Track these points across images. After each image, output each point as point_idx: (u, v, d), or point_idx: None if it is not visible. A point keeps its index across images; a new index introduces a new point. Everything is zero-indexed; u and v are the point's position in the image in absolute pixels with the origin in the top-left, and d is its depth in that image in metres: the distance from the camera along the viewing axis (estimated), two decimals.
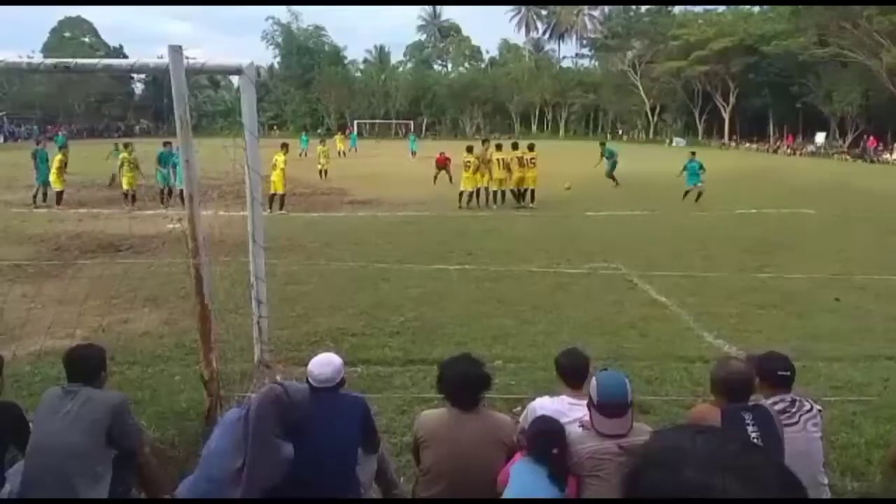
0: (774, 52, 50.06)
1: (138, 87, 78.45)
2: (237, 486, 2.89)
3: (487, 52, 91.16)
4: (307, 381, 3.31)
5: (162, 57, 4.53)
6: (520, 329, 6.58)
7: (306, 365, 3.39)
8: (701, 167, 17.18)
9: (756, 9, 62.36)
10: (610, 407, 2.76)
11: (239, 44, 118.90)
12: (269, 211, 13.20)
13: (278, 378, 3.29)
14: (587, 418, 2.88)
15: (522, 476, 2.76)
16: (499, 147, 16.58)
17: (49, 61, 5.26)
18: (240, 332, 5.73)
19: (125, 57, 71.54)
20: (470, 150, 16.34)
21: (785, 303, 7.61)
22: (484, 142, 17.56)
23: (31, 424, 3.18)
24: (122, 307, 7.31)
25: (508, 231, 12.81)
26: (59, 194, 15.49)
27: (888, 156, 41.31)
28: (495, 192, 16.01)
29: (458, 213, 14.91)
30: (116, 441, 3.17)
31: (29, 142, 51.99)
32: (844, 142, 49.11)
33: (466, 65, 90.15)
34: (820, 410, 3.25)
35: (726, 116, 61.97)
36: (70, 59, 5.12)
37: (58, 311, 7.26)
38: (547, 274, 9.00)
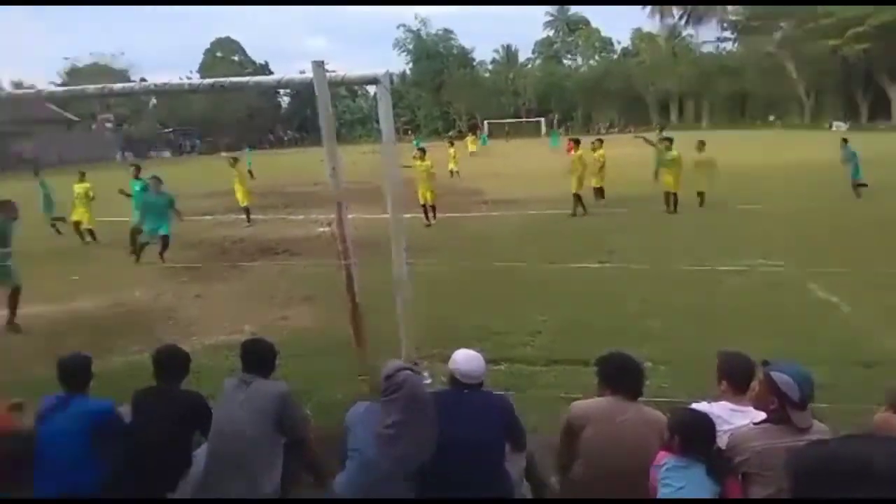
0: None
1: (284, 101, 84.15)
2: (392, 461, 3.01)
3: (619, 42, 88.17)
4: (450, 378, 3.36)
5: (304, 72, 4.83)
6: (669, 329, 6.29)
7: (447, 362, 3.44)
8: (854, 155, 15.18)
9: None
10: (807, 399, 2.61)
11: (372, 53, 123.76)
12: (428, 222, 13.67)
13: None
14: (756, 420, 2.74)
15: (677, 474, 2.65)
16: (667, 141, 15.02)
17: (207, 81, 5.74)
18: (386, 330, 5.96)
19: (271, 72, 77.17)
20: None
21: None
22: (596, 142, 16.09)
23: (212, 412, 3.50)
24: (282, 305, 7.87)
25: (653, 228, 12.29)
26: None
27: None
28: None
29: (599, 211, 14.47)
30: (284, 429, 3.41)
31: (192, 155, 57.92)
32: None
33: (597, 57, 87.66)
34: None
35: (893, 96, 55.50)
36: (225, 79, 5.56)
37: (227, 309, 7.96)
38: (698, 272, 8.52)
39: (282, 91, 76.50)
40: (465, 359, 3.33)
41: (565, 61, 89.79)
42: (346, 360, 5.30)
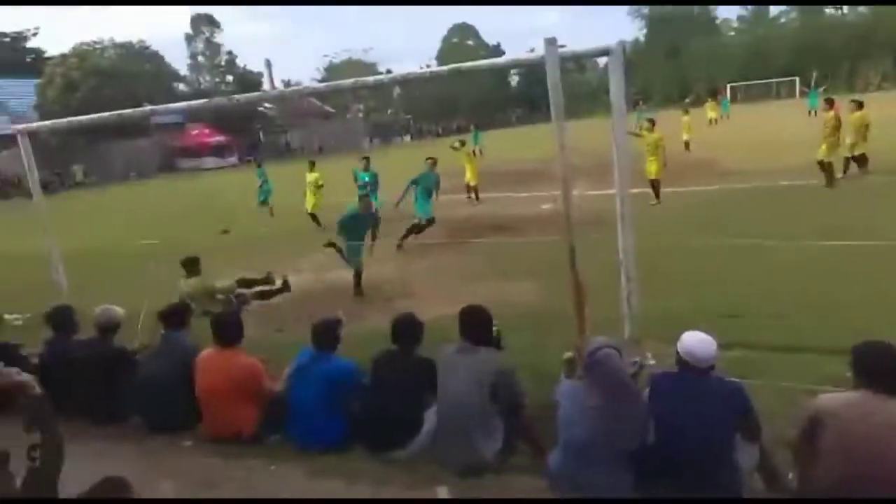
0: None
1: (514, 80, 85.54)
2: (599, 439, 3.03)
3: None
4: (677, 360, 3.26)
5: (534, 50, 4.91)
6: None
7: (675, 343, 3.33)
8: None
9: None
10: None
11: (605, 22, 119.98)
12: (656, 200, 12.97)
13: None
14: None
15: None
16: None
17: (446, 68, 6.10)
18: (610, 307, 5.89)
19: (502, 53, 78.98)
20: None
21: None
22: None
23: None
24: (508, 281, 8.18)
25: None
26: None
27: None
28: None
29: (859, 183, 12.59)
30: (500, 399, 3.60)
31: (428, 140, 61.96)
32: None
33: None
34: None
35: None
36: (462, 64, 5.87)
37: (455, 283, 8.50)
38: None
39: (512, 71, 77.96)
40: (695, 341, 3.22)
41: (828, 10, 78.39)
42: (565, 337, 5.36)
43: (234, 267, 9.47)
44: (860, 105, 13.21)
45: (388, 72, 55.07)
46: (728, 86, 67.09)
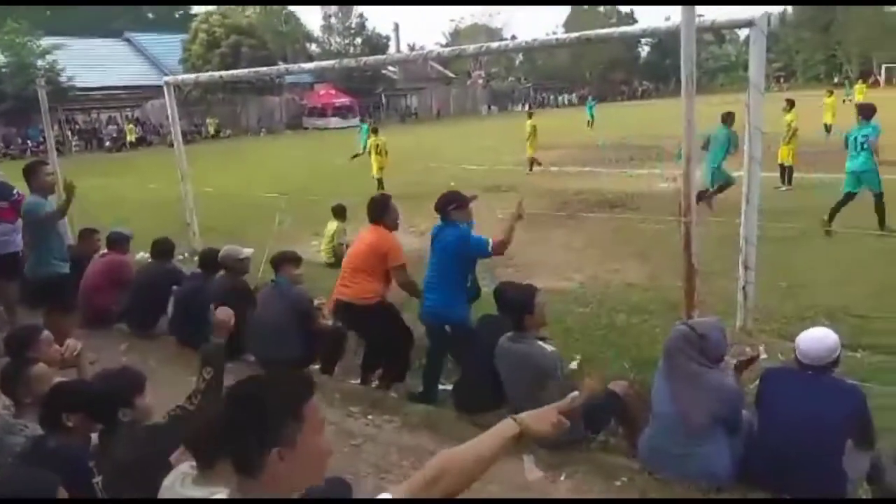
0: None
1: (644, 51, 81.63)
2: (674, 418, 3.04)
3: None
4: (795, 357, 3.11)
5: (669, 19, 4.70)
6: None
7: (793, 340, 3.17)
8: None
9: None
10: None
11: None
12: (785, 186, 12.08)
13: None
14: None
15: None
16: None
17: (573, 35, 5.93)
18: (724, 295, 5.64)
19: (635, 21, 75.47)
20: None
21: None
22: None
23: None
24: (614, 258, 8.02)
25: None
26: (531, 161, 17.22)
27: None
28: None
29: None
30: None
31: (547, 109, 60.85)
32: None
33: None
34: None
35: None
36: (590, 32, 5.71)
37: (562, 257, 8.43)
38: None
39: (643, 41, 74.45)
40: (811, 338, 3.06)
41: None
42: (671, 322, 5.22)
43: None
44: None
45: (513, 38, 54.62)
46: (883, 66, 60.63)
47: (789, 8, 76.56)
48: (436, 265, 4.58)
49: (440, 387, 4.73)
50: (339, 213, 8.95)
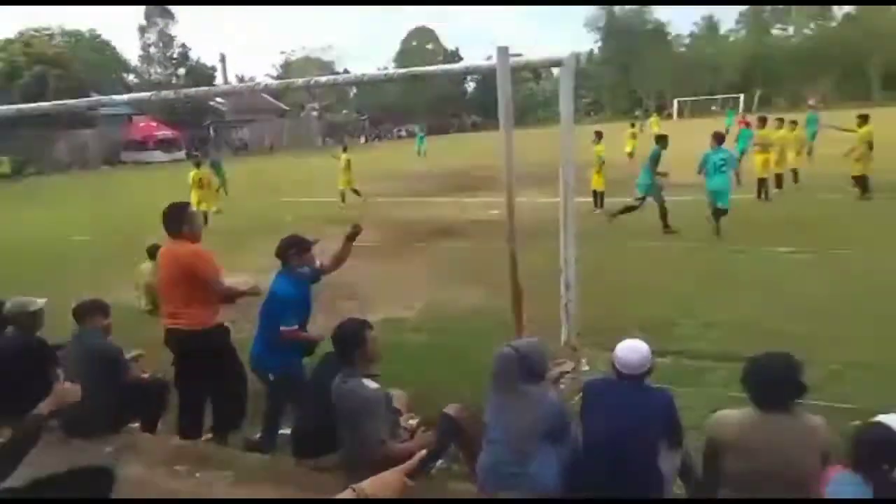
0: None
1: (470, 86, 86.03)
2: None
3: (840, 8, 78.05)
4: (613, 367, 3.33)
5: (490, 58, 4.97)
6: (874, 329, 5.61)
7: (611, 350, 3.40)
8: None
9: None
10: None
11: (562, 33, 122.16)
12: (598, 210, 13.23)
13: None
14: None
15: (840, 494, 2.41)
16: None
17: (401, 71, 6.10)
18: (549, 314, 5.99)
19: (460, 59, 79.33)
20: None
21: None
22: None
23: None
24: (452, 285, 8.23)
25: (855, 214, 10.92)
26: None
27: None
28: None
29: (800, 196, 13.15)
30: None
31: (385, 141, 61.87)
32: None
33: (812, 25, 78.55)
34: None
35: None
36: (417, 69, 5.87)
37: (399, 287, 8.49)
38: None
39: (469, 77, 78.38)
40: (627, 349, 3.27)
41: (774, 31, 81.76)
42: (504, 340, 5.42)
43: None
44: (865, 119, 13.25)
45: (346, 71, 54.97)
46: (676, 100, 69.09)
47: (596, 48, 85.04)
48: (260, 312, 4.48)
49: (280, 431, 4.51)
50: (154, 253, 8.18)
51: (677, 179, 10.82)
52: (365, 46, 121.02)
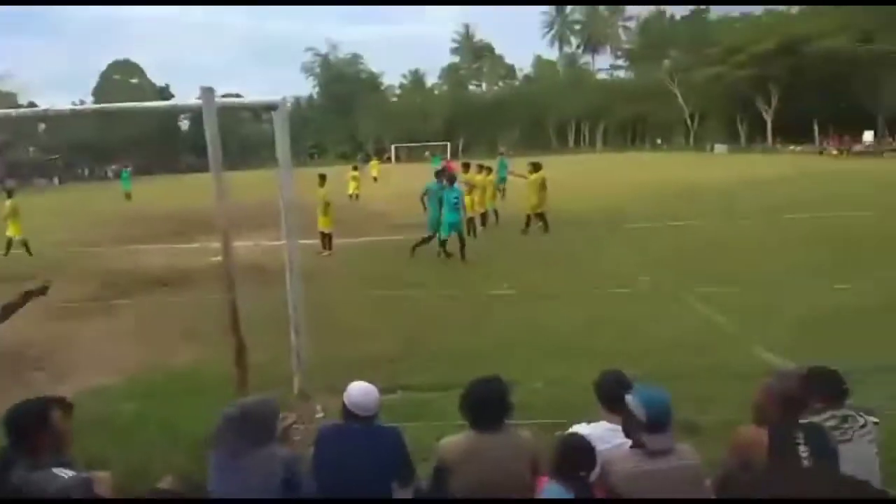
0: (816, 52, 48.42)
1: (184, 124, 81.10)
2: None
3: (521, 69, 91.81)
4: (343, 411, 3.28)
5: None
6: (561, 350, 6.45)
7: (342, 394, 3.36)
8: None
9: (795, 9, 60.95)
10: (661, 422, 2.68)
11: (279, 74, 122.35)
12: (326, 251, 13.27)
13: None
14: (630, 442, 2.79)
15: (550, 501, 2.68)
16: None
17: (91, 107, 5.48)
18: (280, 362, 5.78)
19: (171, 95, 74.44)
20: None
21: (837, 313, 7.25)
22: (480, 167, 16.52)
23: None
24: (168, 341, 7.48)
25: (548, 248, 12.67)
26: None
27: None
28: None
29: (502, 235, 14.80)
30: None
31: (83, 182, 54.93)
32: (895, 139, 47.16)
33: (501, 83, 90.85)
34: (876, 423, 3.06)
35: (769, 119, 60.12)
36: (112, 105, 5.31)
37: (106, 348, 7.47)
38: (589, 292, 8.83)
39: (182, 116, 73.84)
40: (358, 391, 3.26)
41: (471, 87, 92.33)
42: (232, 398, 5.07)
43: None
44: (536, 167, 15.19)
45: (31, 104, 47.62)
46: (393, 146, 73.80)
47: (315, 93, 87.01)
48: None
49: None
50: None
51: (403, 220, 11.44)
52: (59, 80, 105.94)
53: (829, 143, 51.79)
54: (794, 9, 61.04)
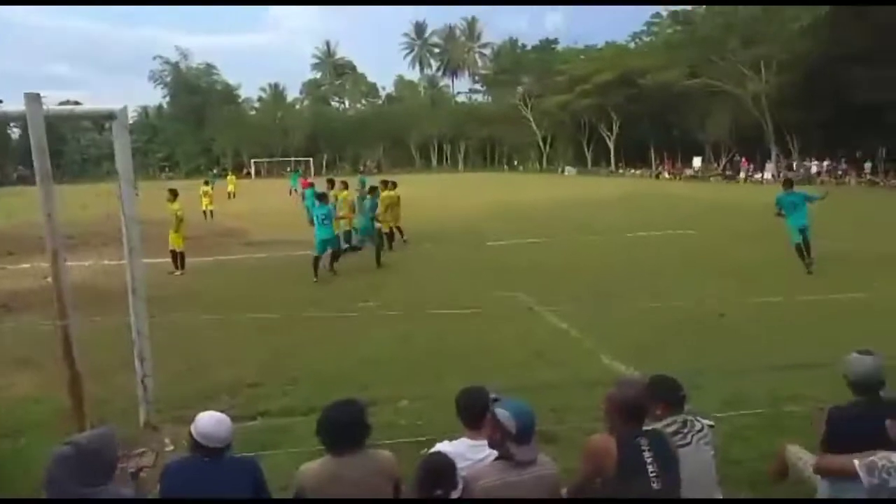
0: (650, 84, 53.18)
1: (15, 133, 73.01)
2: None
3: (384, 88, 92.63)
4: (191, 443, 3.06)
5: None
6: (425, 365, 6.49)
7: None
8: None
9: (632, 44, 66.69)
10: (528, 433, 2.74)
11: (125, 83, 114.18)
12: (179, 270, 12.48)
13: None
14: (493, 455, 2.83)
15: None
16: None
17: None
18: (124, 392, 5.32)
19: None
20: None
21: (676, 322, 7.91)
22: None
23: None
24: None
25: (409, 266, 12.78)
26: None
27: (759, 175, 44.93)
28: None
29: (360, 254, 14.73)
30: None
31: None
32: (719, 165, 52.82)
33: (364, 101, 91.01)
34: (711, 426, 3.34)
35: (611, 145, 64.93)
36: None
37: None
38: (451, 308, 8.98)
39: (12, 124, 66.34)
40: (206, 421, 3.01)
41: (333, 103, 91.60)
42: (71, 434, 4.57)
43: None
44: (392, 185, 15.39)
45: None
46: (252, 161, 71.30)
47: (164, 102, 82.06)
48: None
49: None
50: None
51: (260, 237, 10.98)
52: None
53: (663, 168, 57.11)
54: (632, 43, 66.74)
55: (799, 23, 37.57)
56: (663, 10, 56.99)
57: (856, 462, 2.78)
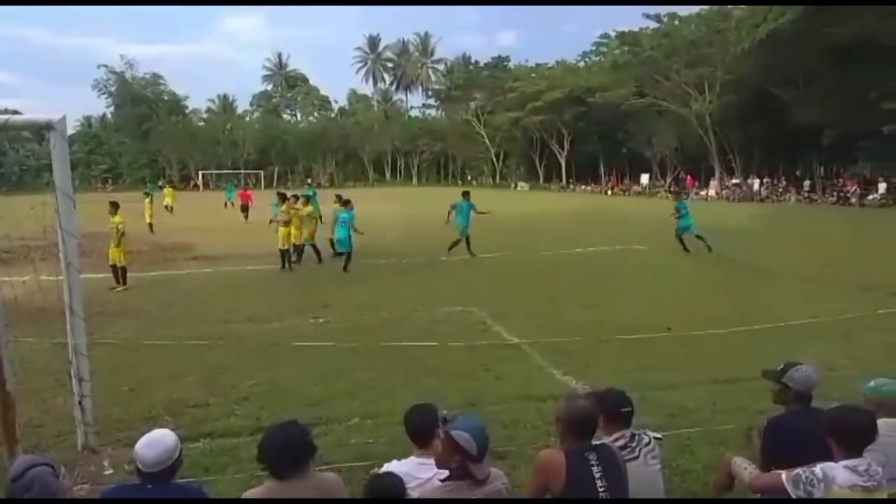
0: (599, 102, 54.47)
1: None
2: None
3: (336, 101, 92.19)
4: (136, 469, 2.92)
5: None
6: (377, 382, 6.41)
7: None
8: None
9: (581, 63, 68.26)
10: (484, 451, 2.72)
11: (68, 93, 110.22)
12: (121, 286, 12.05)
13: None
14: (444, 474, 2.80)
15: None
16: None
17: None
18: (61, 414, 5.09)
19: None
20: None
21: (623, 335, 8.03)
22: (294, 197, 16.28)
23: None
24: None
25: (362, 281, 12.67)
26: None
27: (703, 192, 46.42)
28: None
29: (308, 267, 14.54)
30: None
31: None
32: (665, 181, 54.35)
33: (316, 114, 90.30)
34: (658, 439, 3.40)
35: (563, 161, 66.03)
36: None
37: None
38: (403, 321, 8.94)
39: None
40: (143, 444, 2.84)
41: (285, 116, 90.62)
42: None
43: None
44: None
45: None
46: (200, 172, 69.80)
47: (109, 113, 79.70)
48: None
49: None
50: None
51: (205, 251, 10.70)
52: None
53: (613, 184, 58.46)
54: (581, 63, 68.31)
55: (741, 45, 39.12)
56: (612, 31, 58.64)
57: (783, 476, 2.87)
